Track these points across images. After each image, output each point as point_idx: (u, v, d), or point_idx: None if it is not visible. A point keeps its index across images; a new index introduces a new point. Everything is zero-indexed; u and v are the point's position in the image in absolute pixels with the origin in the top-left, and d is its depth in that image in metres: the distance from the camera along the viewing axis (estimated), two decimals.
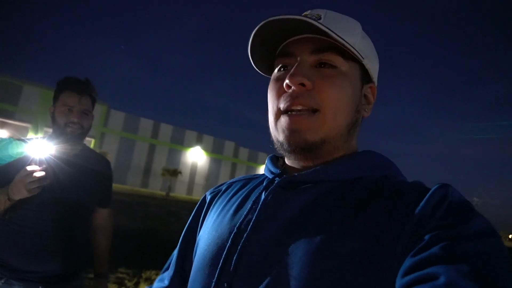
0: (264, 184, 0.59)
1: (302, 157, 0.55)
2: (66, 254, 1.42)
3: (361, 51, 0.55)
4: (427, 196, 0.44)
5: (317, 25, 0.50)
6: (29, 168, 1.19)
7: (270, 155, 0.67)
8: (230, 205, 0.61)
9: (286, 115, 0.53)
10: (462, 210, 0.41)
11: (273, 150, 0.60)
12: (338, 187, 0.51)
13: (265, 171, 0.64)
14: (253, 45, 0.57)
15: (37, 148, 1.23)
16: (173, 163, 32.54)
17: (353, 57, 0.55)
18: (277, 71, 0.58)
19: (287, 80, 0.52)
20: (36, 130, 22.63)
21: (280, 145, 0.55)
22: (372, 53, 0.59)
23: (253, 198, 0.58)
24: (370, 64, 0.58)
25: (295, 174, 0.54)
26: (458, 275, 0.34)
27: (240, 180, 0.70)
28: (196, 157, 34.67)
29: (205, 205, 0.70)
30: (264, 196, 0.55)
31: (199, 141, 35.08)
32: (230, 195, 0.65)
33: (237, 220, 0.55)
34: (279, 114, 0.55)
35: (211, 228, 0.59)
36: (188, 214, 0.85)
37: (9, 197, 1.24)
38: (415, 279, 0.36)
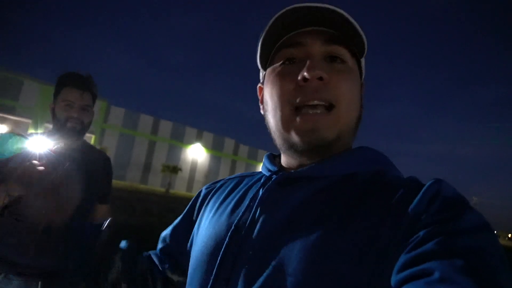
0: (262, 181, 0.59)
1: (314, 156, 0.54)
2: (66, 249, 1.42)
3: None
4: (421, 191, 0.44)
5: (343, 13, 0.50)
6: (28, 164, 1.20)
7: (267, 153, 0.67)
8: (228, 202, 0.61)
9: (301, 114, 0.51)
10: (456, 204, 0.41)
11: (272, 148, 0.59)
12: (334, 183, 0.51)
13: (262, 169, 0.64)
14: (267, 34, 0.55)
15: (37, 144, 1.23)
16: (173, 159, 32.59)
17: (355, 54, 0.56)
18: (280, 64, 0.56)
19: (306, 73, 0.50)
20: (36, 126, 22.63)
21: (291, 146, 0.54)
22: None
23: (250, 195, 0.58)
24: (363, 61, 0.59)
25: (292, 171, 0.55)
26: (452, 270, 0.34)
27: (237, 177, 0.70)
28: (196, 154, 34.72)
29: (199, 200, 0.71)
30: (261, 193, 0.55)
31: (199, 138, 35.12)
32: (227, 192, 0.65)
33: (234, 217, 0.55)
34: (290, 111, 0.52)
35: (208, 225, 0.59)
36: None
37: (7, 192, 1.24)
38: (410, 275, 0.36)
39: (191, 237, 0.66)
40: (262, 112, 0.62)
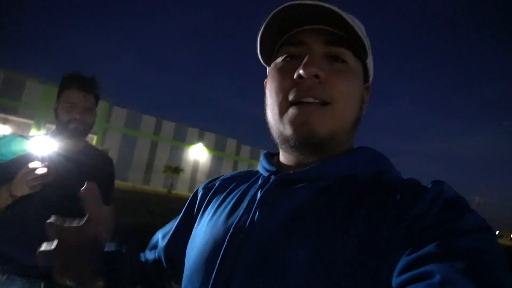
0: (260, 182, 0.58)
1: (307, 153, 0.54)
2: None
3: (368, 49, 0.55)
4: (422, 193, 0.44)
5: (340, 13, 0.49)
6: (31, 165, 1.20)
7: (265, 151, 0.66)
8: (226, 204, 0.61)
9: (295, 106, 0.51)
10: (457, 206, 0.42)
11: (274, 148, 0.59)
12: (333, 184, 0.51)
13: (260, 169, 0.63)
14: (266, 30, 0.54)
15: (40, 145, 1.23)
16: (175, 160, 32.58)
17: (359, 55, 0.55)
18: (281, 60, 0.55)
19: (301, 70, 0.49)
20: (39, 126, 22.68)
21: (285, 140, 0.53)
22: (370, 53, 0.59)
23: (249, 197, 0.57)
24: (370, 64, 0.59)
25: (291, 172, 0.54)
26: (453, 272, 0.34)
27: (234, 176, 0.69)
28: (198, 154, 34.70)
29: (197, 200, 0.70)
30: (260, 195, 0.55)
31: (201, 138, 35.09)
32: (225, 193, 0.64)
33: (233, 219, 0.55)
34: (286, 105, 0.52)
35: (206, 227, 0.58)
36: None
37: (11, 193, 1.25)
38: (411, 277, 0.36)
39: (189, 239, 0.65)
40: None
